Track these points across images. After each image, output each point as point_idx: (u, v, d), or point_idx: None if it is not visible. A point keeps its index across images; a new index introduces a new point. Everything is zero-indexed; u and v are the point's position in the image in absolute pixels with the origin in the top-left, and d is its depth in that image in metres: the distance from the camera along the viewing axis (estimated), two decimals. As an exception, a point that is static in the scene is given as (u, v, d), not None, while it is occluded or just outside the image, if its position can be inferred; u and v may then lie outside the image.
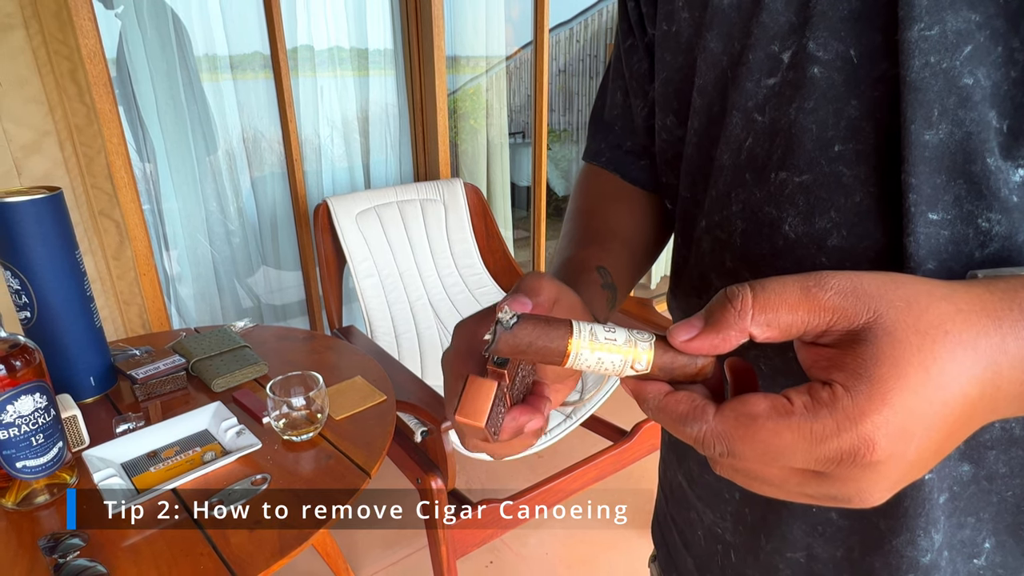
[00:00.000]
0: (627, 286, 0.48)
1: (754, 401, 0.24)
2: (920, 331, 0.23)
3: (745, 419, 0.24)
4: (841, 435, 0.22)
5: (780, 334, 0.25)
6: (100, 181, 1.52)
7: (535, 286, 0.31)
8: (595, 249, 0.47)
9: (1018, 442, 0.33)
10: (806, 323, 0.25)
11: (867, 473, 0.23)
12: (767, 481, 0.26)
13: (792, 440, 0.23)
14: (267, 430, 1.02)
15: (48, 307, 1.02)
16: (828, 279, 0.25)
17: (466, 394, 0.29)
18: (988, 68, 0.29)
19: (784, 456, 0.23)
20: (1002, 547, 0.35)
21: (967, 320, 0.24)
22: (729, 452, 0.24)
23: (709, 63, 0.39)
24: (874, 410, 0.22)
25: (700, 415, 0.25)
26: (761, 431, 0.23)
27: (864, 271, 0.25)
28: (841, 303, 0.24)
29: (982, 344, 0.24)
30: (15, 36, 1.35)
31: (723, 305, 0.26)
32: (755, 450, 0.24)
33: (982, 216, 0.30)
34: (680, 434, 0.26)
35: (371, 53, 2.08)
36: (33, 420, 0.81)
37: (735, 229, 0.39)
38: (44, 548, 0.76)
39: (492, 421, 0.29)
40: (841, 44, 0.32)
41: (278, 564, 0.76)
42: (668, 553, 0.56)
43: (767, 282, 0.25)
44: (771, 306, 0.25)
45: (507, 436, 0.30)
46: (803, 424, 0.23)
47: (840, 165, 0.33)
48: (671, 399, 0.27)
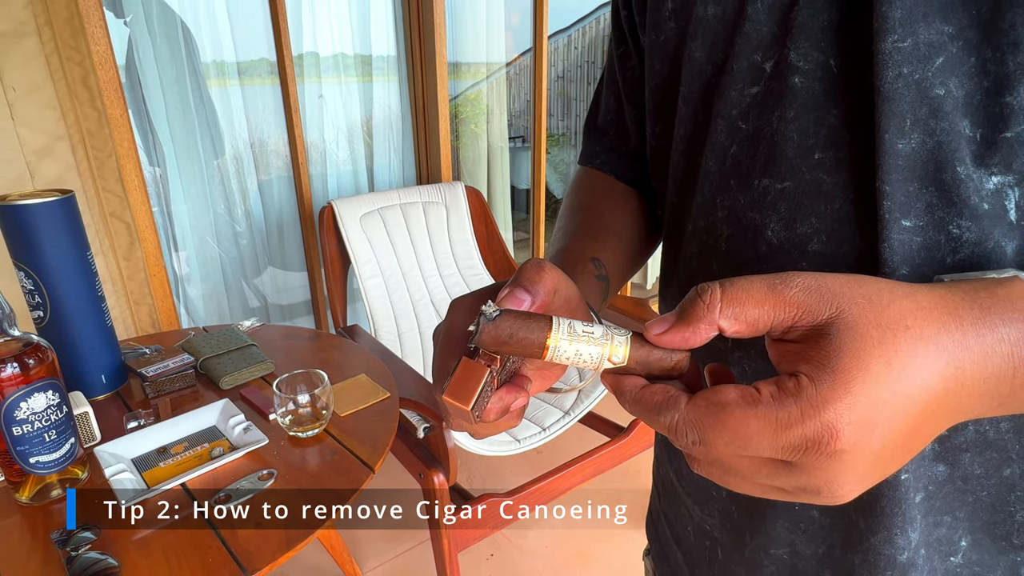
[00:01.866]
0: (620, 280, 0.48)
1: (724, 391, 0.24)
2: (881, 326, 0.23)
3: (715, 407, 0.24)
4: (805, 422, 0.22)
5: (747, 328, 0.26)
6: (111, 184, 1.52)
7: (534, 277, 0.30)
8: (590, 242, 0.46)
9: (992, 445, 0.33)
10: (772, 318, 0.25)
11: (832, 463, 0.23)
12: (739, 473, 0.26)
13: (758, 427, 0.23)
14: (273, 426, 1.02)
15: (61, 307, 1.02)
16: (793, 277, 0.25)
17: (456, 375, 0.29)
18: (961, 78, 0.29)
19: (752, 443, 0.23)
20: (978, 545, 0.35)
21: (928, 316, 0.24)
22: (700, 440, 0.24)
23: (694, 72, 0.39)
24: (837, 398, 0.22)
25: (673, 404, 0.25)
26: (730, 419, 0.24)
27: (830, 272, 0.26)
28: (805, 299, 0.24)
29: (943, 340, 0.24)
30: (29, 43, 1.35)
31: (694, 300, 0.26)
32: (724, 437, 0.24)
33: (953, 223, 0.30)
34: (656, 424, 0.26)
35: (375, 59, 2.08)
36: (46, 417, 0.81)
37: (720, 234, 0.39)
38: (57, 541, 0.77)
39: (479, 404, 0.29)
40: (821, 54, 0.32)
41: (284, 557, 0.76)
42: (660, 547, 0.56)
43: (736, 279, 0.26)
44: (738, 300, 0.25)
45: (493, 416, 0.30)
46: (769, 412, 0.23)
47: (820, 172, 0.33)
48: (647, 391, 0.27)
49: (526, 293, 0.29)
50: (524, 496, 1.44)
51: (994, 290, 0.25)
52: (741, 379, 0.28)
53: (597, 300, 0.43)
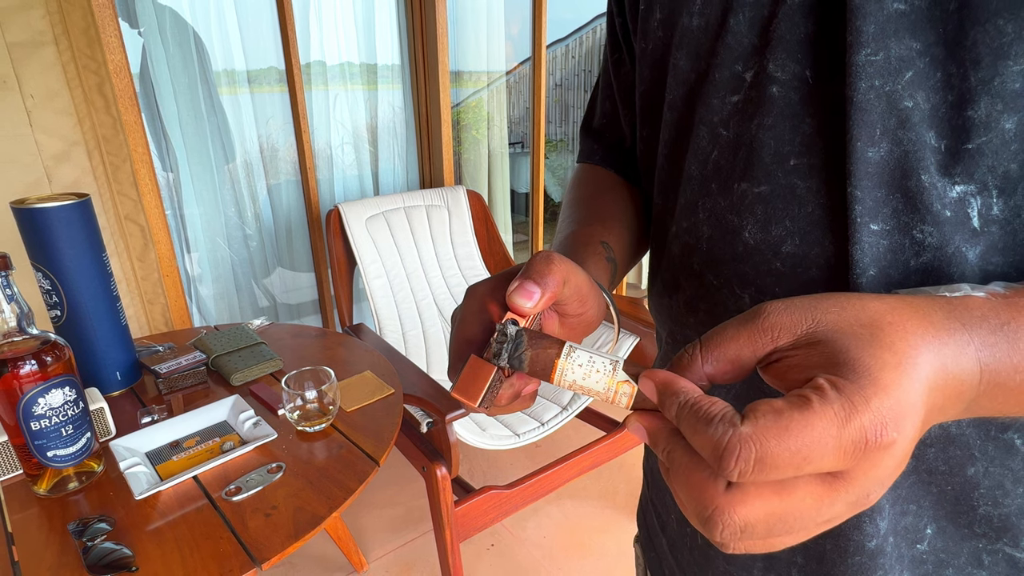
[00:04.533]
0: (625, 265, 0.47)
1: (770, 402, 0.22)
2: (865, 324, 0.23)
3: (772, 416, 0.21)
4: (861, 415, 0.21)
5: (732, 366, 0.25)
6: (126, 188, 1.52)
7: (544, 269, 0.30)
8: (598, 227, 0.46)
9: (955, 441, 0.33)
10: (752, 348, 0.25)
11: (885, 457, 0.21)
12: (795, 518, 0.22)
13: (823, 426, 0.21)
14: (282, 421, 1.02)
15: (77, 306, 1.02)
16: (761, 307, 0.25)
17: (465, 373, 0.29)
18: (927, 92, 0.29)
19: (818, 448, 0.21)
20: (943, 533, 0.35)
21: (903, 314, 0.24)
22: (759, 457, 0.21)
23: (679, 80, 0.40)
24: (874, 392, 0.21)
25: (731, 419, 0.22)
26: (792, 424, 0.21)
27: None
28: (778, 320, 0.25)
29: (927, 336, 0.23)
30: (46, 52, 1.35)
31: (680, 355, 0.27)
32: (790, 447, 0.21)
33: (916, 228, 0.30)
34: (701, 437, 0.22)
35: (380, 68, 2.09)
36: (63, 412, 0.81)
37: (702, 235, 0.39)
38: (73, 532, 0.77)
39: (486, 400, 0.29)
40: (798, 65, 0.33)
41: (293, 547, 0.76)
42: (648, 534, 0.57)
43: (712, 329, 0.26)
44: (715, 344, 0.26)
45: (505, 402, 0.30)
46: (826, 409, 0.21)
47: (795, 178, 0.34)
48: (705, 398, 0.23)
49: (535, 286, 0.29)
50: (523, 488, 1.44)
51: (950, 299, 0.26)
52: None
53: (607, 281, 0.42)
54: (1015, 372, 0.24)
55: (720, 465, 0.21)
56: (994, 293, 0.26)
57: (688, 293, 0.42)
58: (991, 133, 0.28)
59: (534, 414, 1.64)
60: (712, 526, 0.22)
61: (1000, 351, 0.24)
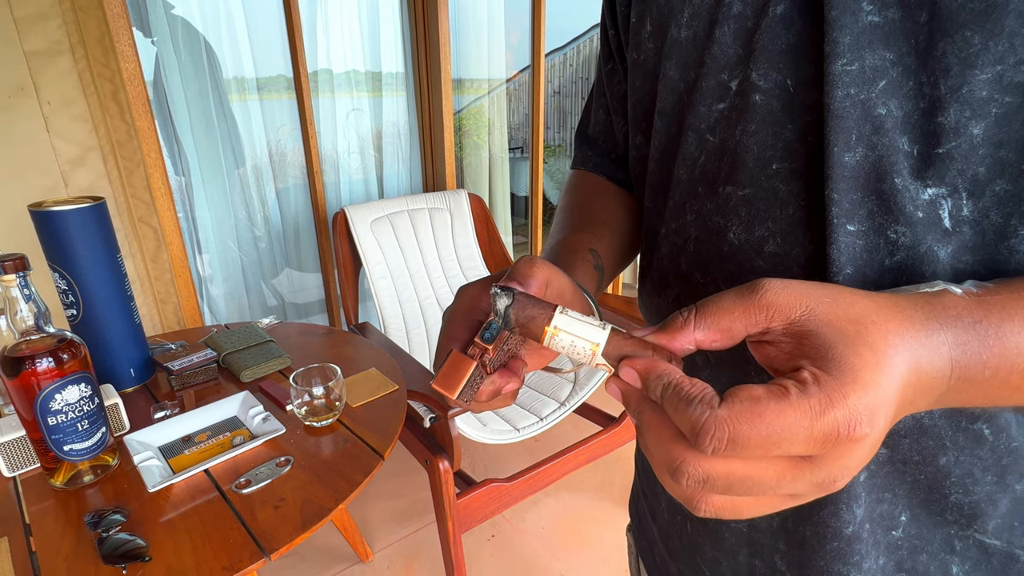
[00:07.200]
0: (613, 271, 0.48)
1: (751, 389, 0.23)
2: (853, 321, 0.24)
3: (749, 402, 0.22)
4: (836, 409, 0.22)
5: (722, 335, 0.26)
6: (139, 191, 1.52)
7: (527, 271, 0.31)
8: (587, 235, 0.47)
9: (927, 432, 0.33)
10: (745, 322, 0.25)
11: (855, 448, 0.22)
12: (760, 487, 0.23)
13: (796, 418, 0.22)
14: (290, 417, 1.02)
15: (92, 305, 1.03)
16: (760, 283, 0.26)
17: (446, 367, 0.29)
18: (900, 100, 0.29)
19: (788, 435, 0.22)
20: (917, 520, 0.36)
21: (888, 314, 0.25)
22: (731, 439, 0.22)
23: (668, 88, 0.40)
24: (852, 387, 0.22)
25: (709, 400, 0.23)
26: (767, 412, 0.22)
27: (784, 270, 0.26)
28: (774, 300, 0.25)
29: (906, 336, 0.24)
30: (63, 60, 1.35)
31: (674, 318, 0.27)
32: (761, 432, 0.22)
33: (891, 228, 0.31)
34: (681, 415, 0.23)
35: (384, 76, 2.09)
36: (79, 407, 0.81)
37: (689, 236, 0.40)
38: (89, 523, 0.77)
39: (465, 393, 0.29)
40: (779, 75, 0.33)
41: (300, 538, 0.76)
42: (640, 523, 0.57)
43: (709, 297, 0.27)
44: (710, 313, 0.26)
45: (485, 398, 0.30)
46: (802, 403, 0.22)
47: (777, 181, 0.34)
48: (686, 379, 0.24)
49: (519, 287, 0.30)
50: (523, 481, 1.44)
51: (930, 298, 0.26)
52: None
53: (593, 288, 0.43)
54: (983, 368, 0.25)
55: (696, 441, 0.22)
56: (968, 292, 0.27)
57: (677, 292, 0.42)
58: (960, 139, 0.28)
59: (533, 409, 1.64)
60: (679, 475, 0.23)
61: (971, 348, 0.25)
